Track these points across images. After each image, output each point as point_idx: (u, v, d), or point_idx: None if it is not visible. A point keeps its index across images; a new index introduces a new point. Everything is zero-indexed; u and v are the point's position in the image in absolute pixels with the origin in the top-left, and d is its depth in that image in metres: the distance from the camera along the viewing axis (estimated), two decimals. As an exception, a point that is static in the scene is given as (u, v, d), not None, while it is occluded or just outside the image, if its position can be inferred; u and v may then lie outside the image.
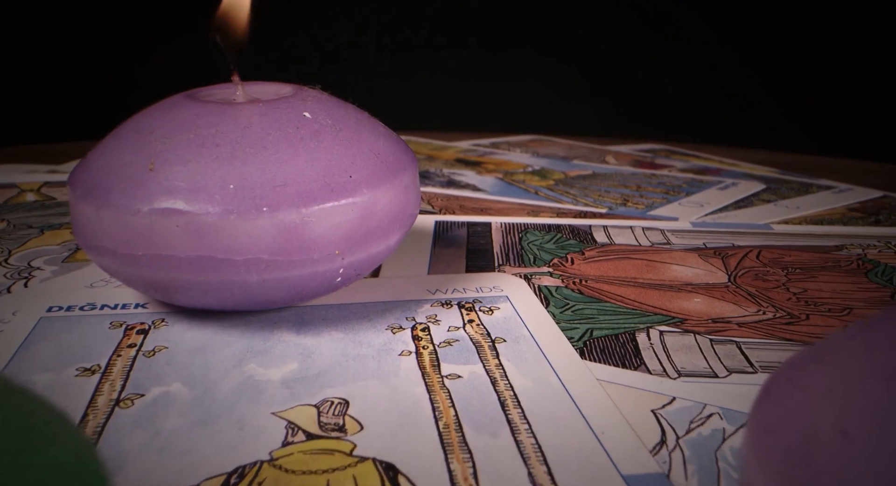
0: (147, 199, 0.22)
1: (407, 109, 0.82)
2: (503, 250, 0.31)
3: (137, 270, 0.22)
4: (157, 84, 0.26)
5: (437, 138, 0.61)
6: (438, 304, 0.26)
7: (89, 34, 0.81)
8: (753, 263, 0.30)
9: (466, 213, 0.37)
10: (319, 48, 0.86)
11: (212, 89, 0.26)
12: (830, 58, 0.86)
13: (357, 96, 0.28)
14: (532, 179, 0.48)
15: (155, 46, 0.75)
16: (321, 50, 0.86)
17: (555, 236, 0.33)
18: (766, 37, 0.88)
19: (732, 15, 0.87)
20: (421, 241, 0.32)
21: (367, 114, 0.27)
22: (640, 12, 0.88)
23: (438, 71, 0.88)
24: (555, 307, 0.26)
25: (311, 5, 0.83)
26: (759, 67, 0.88)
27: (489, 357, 0.22)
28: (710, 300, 0.27)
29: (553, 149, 0.60)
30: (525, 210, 0.38)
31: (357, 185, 0.23)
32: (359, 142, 0.24)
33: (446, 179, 0.47)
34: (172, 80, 0.26)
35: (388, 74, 0.87)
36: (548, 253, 0.31)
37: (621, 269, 0.30)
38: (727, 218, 0.39)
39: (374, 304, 0.26)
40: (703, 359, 0.23)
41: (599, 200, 0.43)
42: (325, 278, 0.23)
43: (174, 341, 0.23)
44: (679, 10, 0.87)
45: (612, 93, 0.89)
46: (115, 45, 0.80)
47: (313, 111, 0.24)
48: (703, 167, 0.54)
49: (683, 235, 0.34)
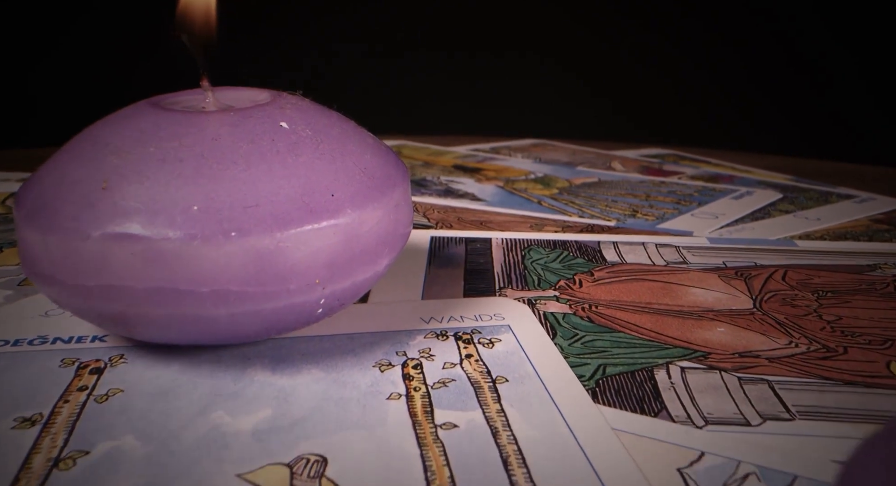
0: (98, 222, 0.19)
1: (404, 112, 0.79)
2: (505, 270, 0.29)
3: (88, 302, 0.20)
4: (150, 88, 0.24)
5: (435, 143, 0.59)
6: (433, 335, 0.23)
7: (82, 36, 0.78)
8: (780, 285, 0.28)
9: (465, 226, 0.35)
10: (309, 48, 0.83)
11: (179, 96, 0.23)
12: (833, 60, 0.84)
13: (351, 99, 0.25)
14: (534, 187, 0.45)
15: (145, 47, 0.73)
16: (311, 50, 0.83)
17: (561, 254, 0.31)
18: (768, 38, 0.85)
19: (736, 16, 0.85)
20: (415, 260, 0.30)
21: (354, 123, 0.24)
22: (643, 13, 0.85)
23: (437, 72, 0.85)
24: (562, 339, 0.23)
25: (300, 1, 0.80)
26: (765, 70, 0.85)
27: (489, 401, 0.20)
28: (734, 330, 0.24)
29: (556, 154, 0.57)
30: (528, 223, 0.36)
31: (340, 204, 0.20)
32: (343, 155, 0.21)
33: (444, 187, 0.44)
34: (169, 83, 0.24)
35: (384, 76, 0.85)
36: (553, 274, 0.28)
37: (635, 292, 0.27)
38: (745, 232, 0.36)
39: (361, 335, 0.23)
40: (731, 402, 0.20)
41: (607, 211, 0.40)
42: (304, 310, 0.21)
43: (132, 382, 0.20)
44: (682, 10, 0.84)
45: (615, 95, 0.86)
46: (106, 45, 0.77)
47: (291, 121, 0.22)
48: (715, 174, 0.52)
49: (700, 252, 0.31)
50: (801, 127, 0.83)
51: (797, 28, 0.84)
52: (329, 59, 0.84)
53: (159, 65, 0.59)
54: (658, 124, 0.80)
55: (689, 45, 0.85)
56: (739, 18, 0.85)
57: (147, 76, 0.48)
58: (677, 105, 0.85)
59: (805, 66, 0.85)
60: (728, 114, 0.85)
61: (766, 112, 0.85)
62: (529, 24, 0.87)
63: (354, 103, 0.25)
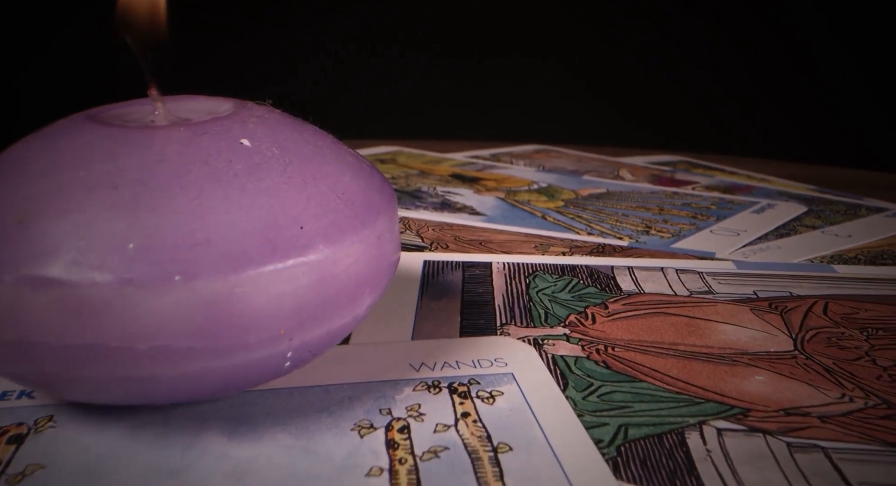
0: (12, 263, 0.15)
1: (400, 116, 0.76)
2: (507, 302, 0.25)
3: (1, 360, 0.16)
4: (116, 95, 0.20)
5: (432, 149, 0.55)
6: (423, 386, 0.20)
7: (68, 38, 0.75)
8: (822, 321, 0.24)
9: (462, 247, 0.31)
10: (299, 48, 0.80)
11: (125, 107, 0.20)
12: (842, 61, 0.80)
13: (344, 102, 0.22)
14: (538, 199, 0.42)
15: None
16: (300, 50, 0.80)
17: (570, 282, 0.27)
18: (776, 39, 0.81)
19: (741, 16, 0.81)
20: (405, 289, 0.26)
21: (332, 137, 0.20)
22: (646, 12, 0.82)
23: (434, 75, 0.82)
24: (575, 390, 0.20)
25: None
26: (774, 72, 0.82)
27: (489, 478, 0.16)
28: (776, 379, 0.21)
29: (560, 161, 0.54)
30: (532, 243, 0.32)
31: (311, 239, 0.17)
32: (316, 179, 0.18)
33: (440, 199, 0.41)
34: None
35: (379, 78, 0.81)
36: (562, 307, 0.25)
37: (656, 330, 0.23)
38: (771, 252, 0.33)
39: (339, 387, 0.20)
40: (782, 477, 0.17)
41: (617, 226, 0.37)
42: (268, 365, 0.17)
43: (57, 455, 0.17)
44: (687, 10, 0.81)
45: (619, 98, 0.83)
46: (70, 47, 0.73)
47: (255, 137, 0.18)
48: (731, 184, 0.48)
49: (727, 279, 0.28)
50: (814, 132, 0.79)
51: (804, 28, 0.81)
52: (321, 60, 0.80)
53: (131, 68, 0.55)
54: (664, 127, 0.77)
55: (692, 46, 0.82)
56: (744, 18, 0.81)
57: (112, 82, 0.45)
58: (683, 108, 0.81)
59: (815, 68, 0.81)
60: (737, 117, 0.82)
61: (776, 115, 0.82)
62: (529, 24, 0.84)
63: (348, 107, 0.21)
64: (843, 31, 0.79)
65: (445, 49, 0.82)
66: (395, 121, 0.72)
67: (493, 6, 0.83)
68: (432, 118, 0.74)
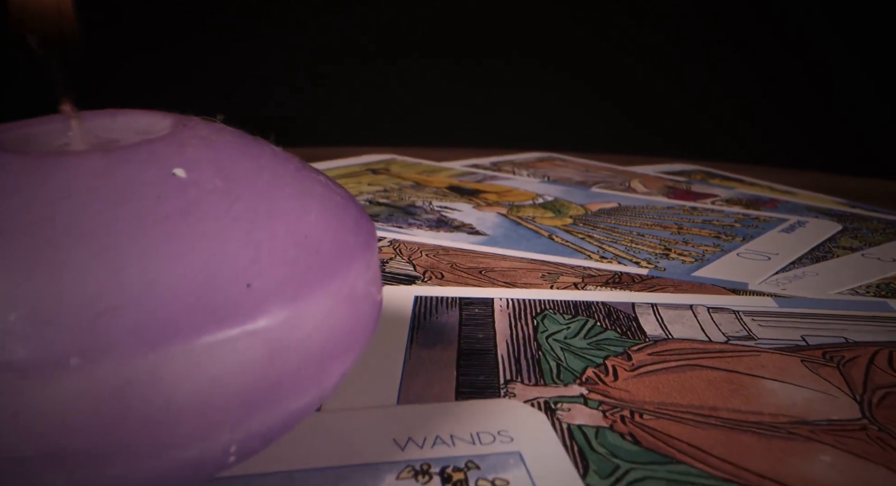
0: None
1: (395, 121, 0.72)
2: (511, 350, 0.21)
3: None
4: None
5: (429, 157, 0.51)
6: (410, 472, 0.16)
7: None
8: (889, 376, 0.20)
9: (459, 277, 0.27)
10: (287, 50, 0.76)
11: (33, 126, 0.16)
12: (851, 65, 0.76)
13: (335, 108, 0.18)
14: (544, 215, 0.38)
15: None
16: (288, 52, 0.76)
17: (585, 324, 0.23)
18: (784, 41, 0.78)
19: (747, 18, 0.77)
20: (392, 334, 0.22)
21: (297, 162, 0.17)
22: (652, 14, 0.78)
23: (431, 78, 0.78)
24: (598, 476, 0.16)
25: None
26: (787, 76, 0.78)
27: None
28: (846, 460, 0.17)
29: (566, 171, 0.50)
30: (539, 272, 0.28)
31: (261, 299, 0.13)
32: (271, 218, 0.14)
33: (436, 216, 0.37)
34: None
35: (373, 82, 0.77)
36: (577, 357, 0.21)
37: (692, 388, 0.20)
38: (809, 281, 0.29)
39: (306, 475, 0.16)
40: None
41: (633, 248, 0.33)
42: (205, 463, 0.13)
43: None
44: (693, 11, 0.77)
45: (625, 102, 0.79)
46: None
47: (195, 165, 0.14)
48: (753, 197, 0.44)
49: (768, 320, 0.24)
50: (830, 139, 0.76)
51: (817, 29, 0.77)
52: (308, 59, 0.76)
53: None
54: (673, 132, 0.73)
55: (699, 46, 0.78)
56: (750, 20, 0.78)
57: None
58: (693, 111, 0.77)
59: (831, 73, 0.77)
60: (750, 121, 0.78)
61: (790, 121, 0.78)
62: (530, 22, 0.80)
63: (339, 111, 0.17)
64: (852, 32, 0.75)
65: (442, 49, 0.78)
66: (389, 126, 0.68)
67: (493, 3, 0.79)
68: (429, 123, 0.70)
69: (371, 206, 0.38)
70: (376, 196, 0.40)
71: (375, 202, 0.39)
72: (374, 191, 0.42)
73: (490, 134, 0.64)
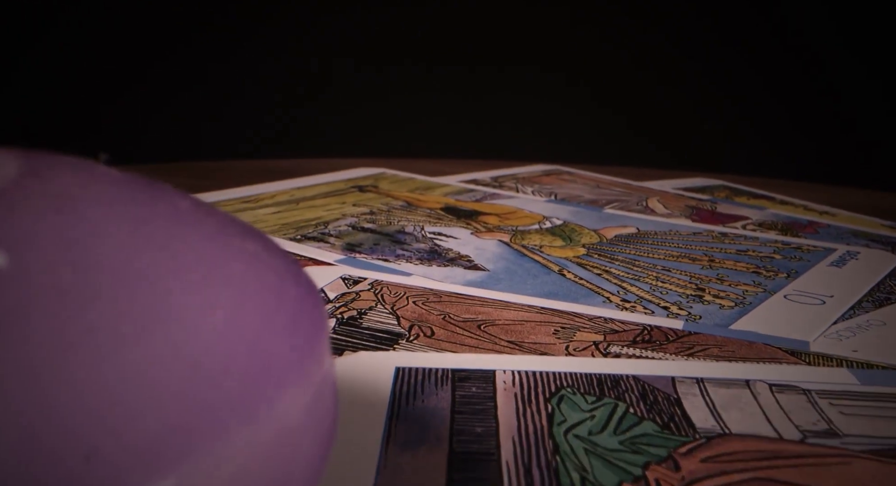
0: None
1: (388, 131, 0.67)
2: (520, 454, 0.16)
3: None
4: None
5: (423, 170, 0.46)
6: None
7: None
8: None
9: (452, 333, 0.22)
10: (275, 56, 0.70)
11: None
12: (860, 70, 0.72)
13: (327, 116, 0.13)
14: (553, 243, 0.33)
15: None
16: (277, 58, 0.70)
17: (613, 412, 0.18)
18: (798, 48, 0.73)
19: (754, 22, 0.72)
20: (364, 425, 0.17)
21: (220, 218, 0.11)
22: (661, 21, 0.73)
23: (428, 85, 0.73)
24: None
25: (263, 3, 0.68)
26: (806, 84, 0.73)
27: None
28: None
29: (575, 188, 0.45)
30: (551, 326, 0.23)
31: (111, 473, 0.08)
32: (149, 330, 0.09)
33: (428, 246, 0.32)
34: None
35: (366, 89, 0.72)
36: (608, 467, 0.16)
37: (765, 518, 0.14)
38: (876, 332, 0.24)
39: None
40: None
41: (659, 288, 0.28)
42: None
43: None
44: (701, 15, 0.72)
45: (633, 111, 0.74)
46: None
47: (33, 244, 0.09)
48: (789, 219, 0.39)
49: (851, 404, 0.19)
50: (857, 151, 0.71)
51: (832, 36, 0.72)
52: (301, 68, 0.71)
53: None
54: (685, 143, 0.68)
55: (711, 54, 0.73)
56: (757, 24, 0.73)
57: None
58: (706, 121, 0.72)
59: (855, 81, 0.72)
60: (766, 132, 0.73)
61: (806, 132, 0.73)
62: (532, 28, 0.75)
63: (326, 120, 0.12)
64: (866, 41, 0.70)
65: (439, 56, 0.72)
66: (380, 136, 0.63)
67: (492, 9, 0.74)
68: (425, 132, 0.65)
69: (354, 232, 0.33)
70: (361, 220, 0.35)
71: (359, 228, 0.34)
72: (359, 213, 0.36)
73: (490, 144, 0.59)
